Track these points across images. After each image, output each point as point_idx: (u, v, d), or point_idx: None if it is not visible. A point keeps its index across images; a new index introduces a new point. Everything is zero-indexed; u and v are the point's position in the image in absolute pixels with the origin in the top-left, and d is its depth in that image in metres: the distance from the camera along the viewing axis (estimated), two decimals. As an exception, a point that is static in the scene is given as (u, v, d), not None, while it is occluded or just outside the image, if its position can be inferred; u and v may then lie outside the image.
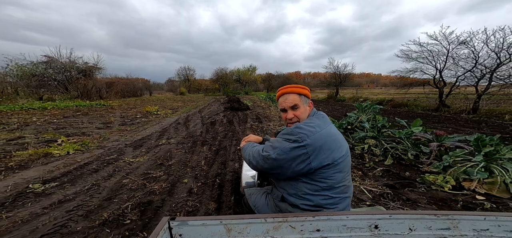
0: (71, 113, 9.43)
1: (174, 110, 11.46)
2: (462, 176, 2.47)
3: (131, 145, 4.45)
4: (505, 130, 5.70)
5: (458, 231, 0.76)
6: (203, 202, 2.24)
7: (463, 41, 8.49)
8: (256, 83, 48.52)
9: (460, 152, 2.65)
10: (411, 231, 0.77)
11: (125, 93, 21.89)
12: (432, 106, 10.25)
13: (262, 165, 1.08)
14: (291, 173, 1.01)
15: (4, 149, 3.87)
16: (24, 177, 2.73)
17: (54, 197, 2.29)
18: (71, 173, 2.91)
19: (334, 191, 1.01)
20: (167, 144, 4.52)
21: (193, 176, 2.90)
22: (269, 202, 1.22)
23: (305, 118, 1.13)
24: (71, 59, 16.30)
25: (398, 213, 0.77)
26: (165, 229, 0.72)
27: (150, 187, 2.56)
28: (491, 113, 7.61)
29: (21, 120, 7.00)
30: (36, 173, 2.87)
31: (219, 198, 2.31)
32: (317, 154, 0.97)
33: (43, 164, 3.23)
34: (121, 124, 7.02)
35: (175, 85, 46.85)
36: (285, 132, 1.06)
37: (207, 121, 7.58)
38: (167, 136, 5.32)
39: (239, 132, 5.81)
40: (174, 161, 3.47)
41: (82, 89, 16.30)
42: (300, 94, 1.15)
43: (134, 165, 3.30)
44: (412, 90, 12.83)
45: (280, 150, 1.01)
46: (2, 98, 11.32)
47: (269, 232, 0.76)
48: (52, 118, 7.74)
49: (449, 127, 6.36)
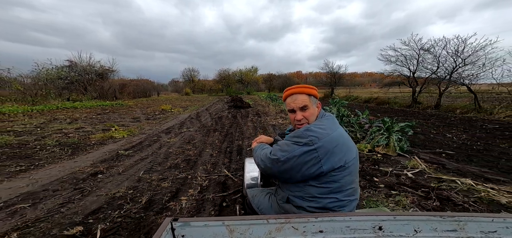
0: (100, 111, 11.22)
1: (184, 108, 13.19)
2: (376, 143, 4.12)
3: (163, 132, 6.15)
4: (446, 120, 7.30)
5: (464, 233, 0.73)
6: (220, 159, 3.90)
7: (427, 48, 10.11)
8: (257, 84, 50.15)
9: (376, 129, 4.29)
10: (416, 232, 0.74)
11: (136, 94, 23.74)
12: (407, 103, 11.87)
13: (271, 168, 1.06)
14: (301, 177, 0.99)
15: (79, 134, 5.60)
16: (110, 148, 4.44)
17: (136, 156, 3.98)
18: (135, 147, 4.61)
19: (342, 193, 1.00)
20: (188, 131, 6.21)
21: (211, 148, 4.58)
22: (273, 204, 1.19)
23: (313, 120, 1.10)
24: (90, 63, 18.14)
25: (403, 214, 0.76)
26: (168, 230, 0.73)
27: (187, 153, 4.24)
28: (448, 108, 9.19)
29: (67, 116, 8.77)
30: (115, 146, 4.58)
31: (230, 157, 3.97)
32: (329, 157, 0.95)
33: (114, 142, 4.94)
34: (146, 118, 8.76)
35: (179, 86, 48.55)
36: (294, 135, 1.04)
37: (215, 116, 9.30)
38: (186, 126, 7.03)
39: (241, 124, 7.49)
40: (196, 141, 5.16)
41: (100, 90, 18.16)
42: (310, 95, 1.11)
43: (171, 142, 4.99)
44: (395, 90, 14.43)
45: (289, 153, 0.99)
46: (38, 99, 13.14)
47: (271, 233, 0.75)
48: (89, 115, 9.52)
49: (408, 118, 7.96)
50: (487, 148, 4.19)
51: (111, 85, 18.83)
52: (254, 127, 6.97)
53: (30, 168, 3.29)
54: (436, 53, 9.76)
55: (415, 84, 11.67)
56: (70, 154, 4.03)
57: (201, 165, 3.51)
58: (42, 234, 1.79)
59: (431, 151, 4.03)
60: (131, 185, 2.76)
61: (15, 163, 3.47)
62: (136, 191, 2.60)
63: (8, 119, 7.98)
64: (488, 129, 5.93)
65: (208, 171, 3.28)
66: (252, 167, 1.64)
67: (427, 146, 4.42)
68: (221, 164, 3.55)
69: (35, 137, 5.16)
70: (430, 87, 10.81)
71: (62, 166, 3.39)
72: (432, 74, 10.45)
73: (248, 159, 1.75)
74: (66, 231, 1.82)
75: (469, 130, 5.98)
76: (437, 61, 9.96)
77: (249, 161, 1.72)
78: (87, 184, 2.76)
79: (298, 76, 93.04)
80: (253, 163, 1.67)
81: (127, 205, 2.28)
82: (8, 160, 3.62)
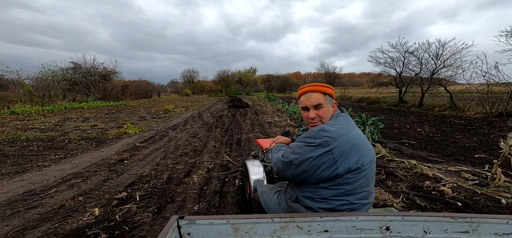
0: (107, 111, 11.92)
1: (186, 108, 13.92)
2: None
3: (169, 128, 6.89)
4: (423, 117, 8.15)
5: (477, 234, 0.71)
6: (222, 149, 4.66)
7: (411, 51, 10.97)
8: (256, 84, 50.84)
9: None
10: (426, 233, 0.73)
11: (137, 94, 24.41)
12: (394, 103, 12.73)
13: (284, 171, 1.03)
14: (316, 180, 0.95)
15: (96, 131, 6.33)
16: (127, 142, 5.18)
17: (150, 148, 4.73)
18: (148, 140, 5.35)
19: (355, 196, 0.95)
20: (192, 128, 6.96)
21: (214, 141, 5.34)
22: (282, 202, 1.16)
23: (328, 119, 1.06)
24: (94, 65, 18.80)
25: (412, 214, 0.74)
26: (174, 227, 0.74)
27: (193, 144, 4.99)
28: (429, 106, 10.04)
29: (79, 116, 9.48)
30: (131, 140, 5.32)
31: (230, 148, 4.72)
32: (345, 158, 0.91)
33: (129, 137, 5.68)
34: (152, 117, 9.49)
35: (178, 87, 49.04)
36: (307, 135, 0.99)
37: (216, 115, 10.05)
38: (190, 124, 7.77)
39: (240, 121, 8.25)
40: (201, 135, 5.91)
41: (103, 91, 18.83)
42: (325, 94, 1.06)
43: (178, 137, 5.73)
44: (385, 90, 15.30)
45: (302, 155, 0.95)
46: (46, 100, 13.80)
47: (276, 232, 0.75)
48: (98, 114, 10.23)
49: (391, 115, 8.77)
50: (444, 138, 4.99)
51: (113, 86, 19.50)
52: (252, 123, 7.73)
53: (68, 156, 4.03)
54: (419, 56, 10.64)
55: (402, 84, 12.52)
56: (95, 146, 4.77)
57: (206, 154, 4.27)
58: (99, 198, 2.54)
59: (397, 141, 4.82)
60: (152, 167, 3.51)
61: (53, 153, 4.20)
62: (157, 171, 3.35)
63: (24, 118, 8.69)
64: (453, 124, 6.75)
65: (213, 157, 4.04)
66: (256, 169, 1.62)
67: (397, 137, 5.21)
68: (223, 153, 4.30)
69: (58, 133, 5.88)
70: (415, 87, 11.66)
71: (92, 155, 4.14)
72: (416, 75, 11.31)
73: (248, 162, 1.72)
74: (115, 196, 2.57)
75: (438, 125, 6.80)
76: (420, 63, 10.83)
77: (251, 164, 1.70)
78: (118, 167, 3.51)
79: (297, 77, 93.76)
80: (255, 165, 1.71)
81: (152, 180, 3.03)
82: (46, 150, 4.35)
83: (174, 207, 2.35)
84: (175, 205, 2.40)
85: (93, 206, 2.31)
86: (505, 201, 2.17)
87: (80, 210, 2.25)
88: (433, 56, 9.97)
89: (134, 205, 2.35)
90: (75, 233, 1.90)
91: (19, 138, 5.29)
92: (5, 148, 4.43)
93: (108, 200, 2.47)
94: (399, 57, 11.78)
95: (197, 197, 2.56)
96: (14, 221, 2.05)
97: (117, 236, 1.88)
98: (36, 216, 2.14)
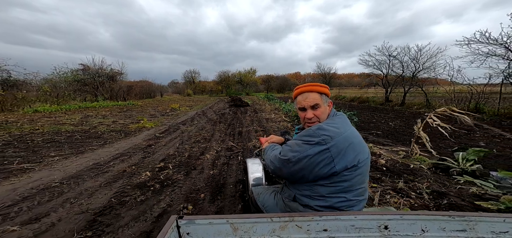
0: (119, 110, 13.05)
1: (190, 107, 15.07)
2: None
3: (179, 123, 8.04)
4: (400, 114, 9.35)
5: (474, 233, 0.73)
6: (226, 138, 5.80)
7: (394, 55, 12.21)
8: (256, 85, 51.96)
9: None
10: (424, 232, 0.74)
11: (141, 95, 25.55)
12: (381, 102, 13.95)
13: (281, 169, 1.05)
14: (313, 177, 0.98)
15: (117, 126, 7.48)
16: (148, 133, 6.33)
17: (168, 137, 5.87)
18: (165, 132, 6.50)
19: (352, 193, 0.98)
20: (199, 123, 8.11)
21: (219, 133, 6.49)
22: (279, 202, 1.18)
23: (325, 118, 1.09)
24: (101, 66, 19.93)
25: (410, 213, 0.75)
26: (173, 227, 0.74)
27: (203, 135, 6.13)
28: (409, 105, 11.25)
29: (95, 114, 10.62)
30: (150, 132, 6.47)
31: (233, 137, 5.87)
32: (342, 156, 0.94)
33: (147, 130, 6.82)
34: (161, 115, 10.64)
35: (179, 87, 50.06)
36: (305, 134, 1.01)
37: (218, 113, 11.21)
38: (196, 120, 8.92)
39: (241, 118, 9.41)
40: (207, 128, 7.06)
41: (111, 92, 19.97)
42: (321, 93, 1.10)
43: (189, 130, 6.88)
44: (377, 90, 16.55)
45: (300, 153, 0.97)
46: (60, 100, 14.94)
47: (275, 231, 0.75)
48: (113, 112, 11.36)
49: (376, 113, 9.94)
50: (404, 130, 6.16)
51: (120, 87, 20.65)
52: (251, 120, 8.89)
53: (107, 143, 5.18)
54: (401, 59, 11.84)
55: (388, 85, 13.67)
56: (123, 137, 5.91)
57: (214, 141, 5.42)
58: (146, 167, 3.67)
59: (367, 131, 5.98)
60: (175, 150, 4.65)
61: (95, 141, 5.35)
62: (179, 152, 4.50)
63: (49, 115, 9.83)
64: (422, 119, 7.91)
65: (219, 143, 5.19)
66: (255, 167, 1.64)
67: (369, 129, 6.37)
68: (228, 140, 5.46)
69: (88, 127, 7.03)
70: (399, 88, 12.83)
71: (125, 142, 5.29)
72: (399, 77, 12.52)
73: (249, 160, 1.79)
74: (156, 165, 3.71)
75: (408, 120, 7.97)
76: (402, 66, 12.04)
77: (251, 162, 1.74)
78: (149, 150, 4.66)
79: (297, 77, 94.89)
80: (255, 163, 1.72)
81: (178, 157, 4.18)
82: (88, 139, 5.50)
83: (196, 172, 3.50)
84: (197, 171, 3.54)
85: (145, 171, 3.46)
86: (412, 165, 3.32)
87: (136, 174, 3.39)
88: (414, 59, 11.19)
89: (170, 171, 3.50)
90: (140, 184, 3.04)
91: (60, 130, 6.44)
92: (56, 137, 5.58)
93: (152, 167, 3.62)
94: (385, 60, 13.03)
95: (211, 166, 3.71)
96: (100, 179, 3.19)
97: (165, 186, 3.02)
98: (111, 177, 3.28)
